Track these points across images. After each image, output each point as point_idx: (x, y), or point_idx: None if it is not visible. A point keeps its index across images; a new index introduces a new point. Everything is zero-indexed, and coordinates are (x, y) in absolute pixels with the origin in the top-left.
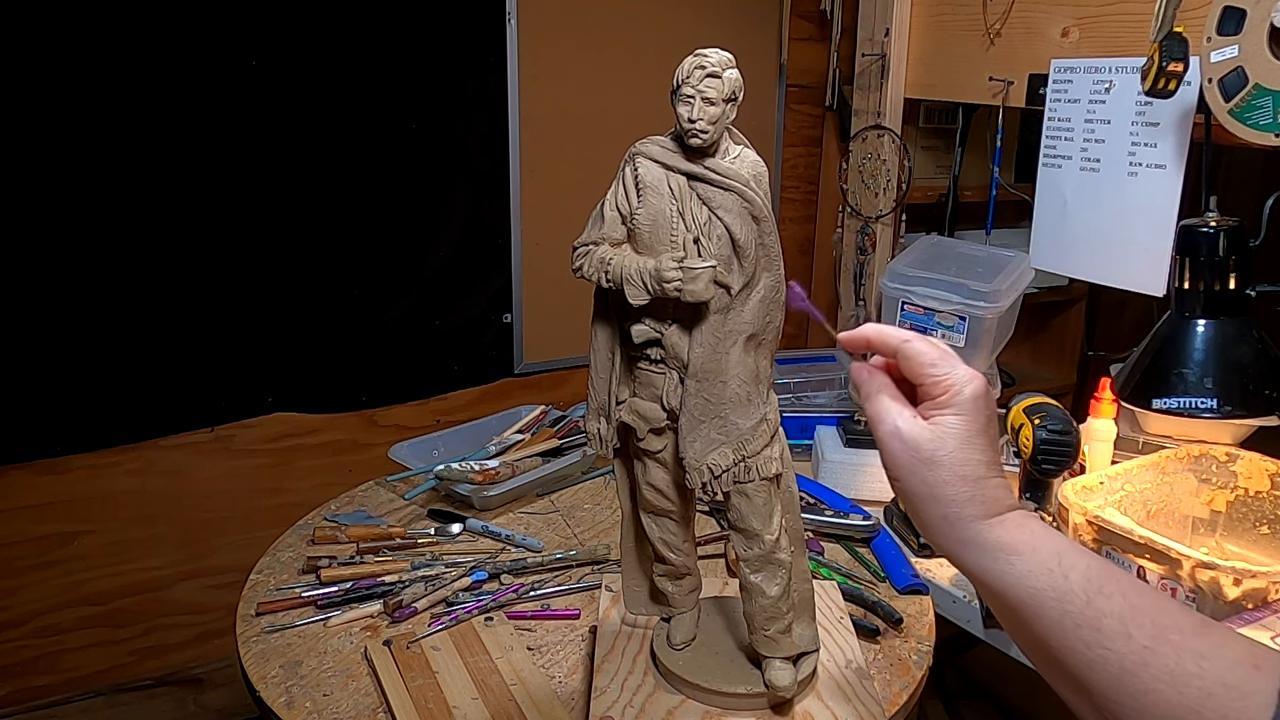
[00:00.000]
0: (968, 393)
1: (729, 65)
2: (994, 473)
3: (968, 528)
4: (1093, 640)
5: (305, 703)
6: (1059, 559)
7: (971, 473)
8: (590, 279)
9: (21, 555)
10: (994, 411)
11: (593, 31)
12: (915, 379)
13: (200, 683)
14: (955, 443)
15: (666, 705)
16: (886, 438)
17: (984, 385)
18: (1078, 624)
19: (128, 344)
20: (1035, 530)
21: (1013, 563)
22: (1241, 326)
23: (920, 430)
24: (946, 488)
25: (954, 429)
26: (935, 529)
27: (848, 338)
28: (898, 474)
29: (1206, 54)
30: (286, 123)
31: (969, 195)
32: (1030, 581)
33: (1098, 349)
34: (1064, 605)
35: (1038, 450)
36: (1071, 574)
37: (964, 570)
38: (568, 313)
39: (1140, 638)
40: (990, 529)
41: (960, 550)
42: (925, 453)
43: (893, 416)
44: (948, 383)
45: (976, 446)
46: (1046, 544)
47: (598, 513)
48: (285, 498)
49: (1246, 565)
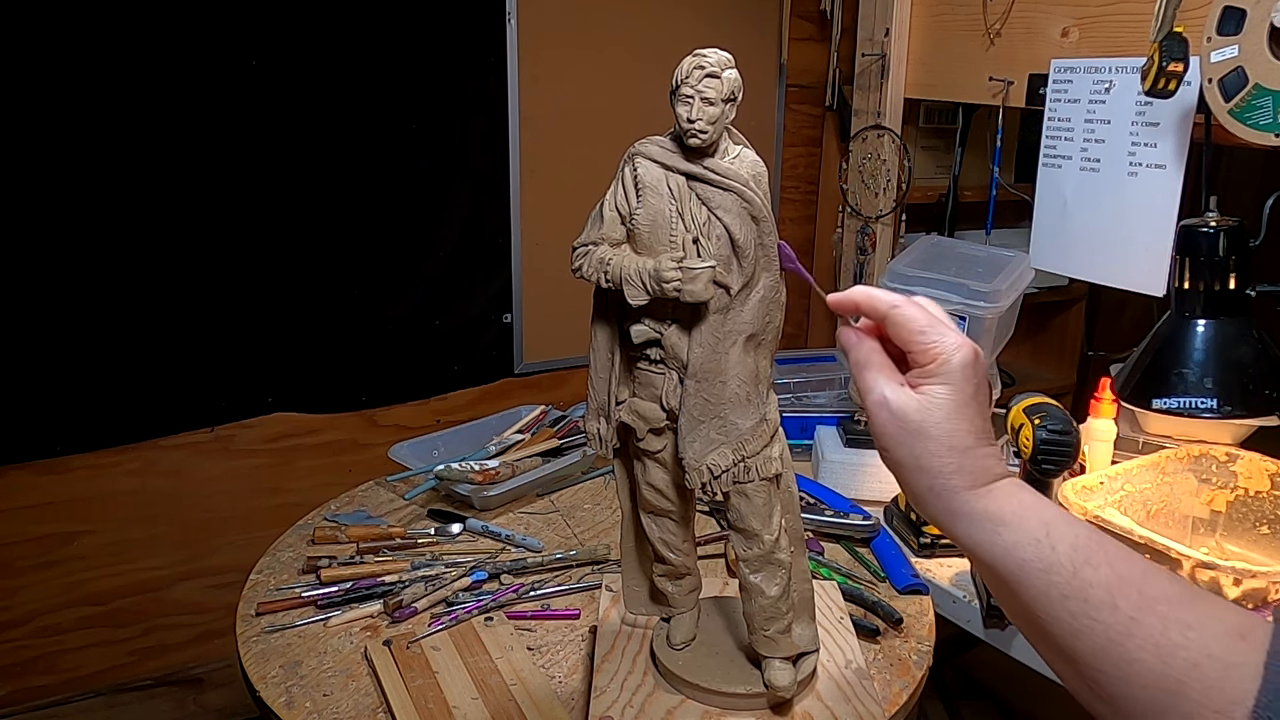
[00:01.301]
0: (955, 361)
1: (728, 65)
2: (982, 442)
3: (955, 498)
4: (1079, 610)
5: (305, 703)
6: (1047, 529)
7: (959, 443)
8: (589, 279)
9: (21, 555)
10: (984, 379)
11: (593, 31)
12: (904, 345)
13: (200, 683)
14: (943, 414)
15: (666, 705)
16: (874, 407)
17: (973, 352)
18: (1064, 594)
19: (128, 344)
20: (1024, 500)
21: (1000, 533)
22: (1241, 326)
23: (908, 400)
24: (934, 459)
25: (941, 399)
26: (923, 500)
27: (837, 300)
28: (885, 444)
29: (1206, 54)
30: (287, 123)
31: (969, 195)
32: (1017, 552)
33: (1098, 349)
34: (1050, 576)
35: (1038, 450)
36: (1059, 544)
37: (954, 540)
38: (568, 313)
39: (1126, 608)
40: (978, 499)
41: (949, 521)
42: (912, 424)
43: (880, 386)
44: (935, 350)
45: (964, 416)
46: (1035, 514)
47: (598, 513)
48: (285, 498)
49: (1246, 565)
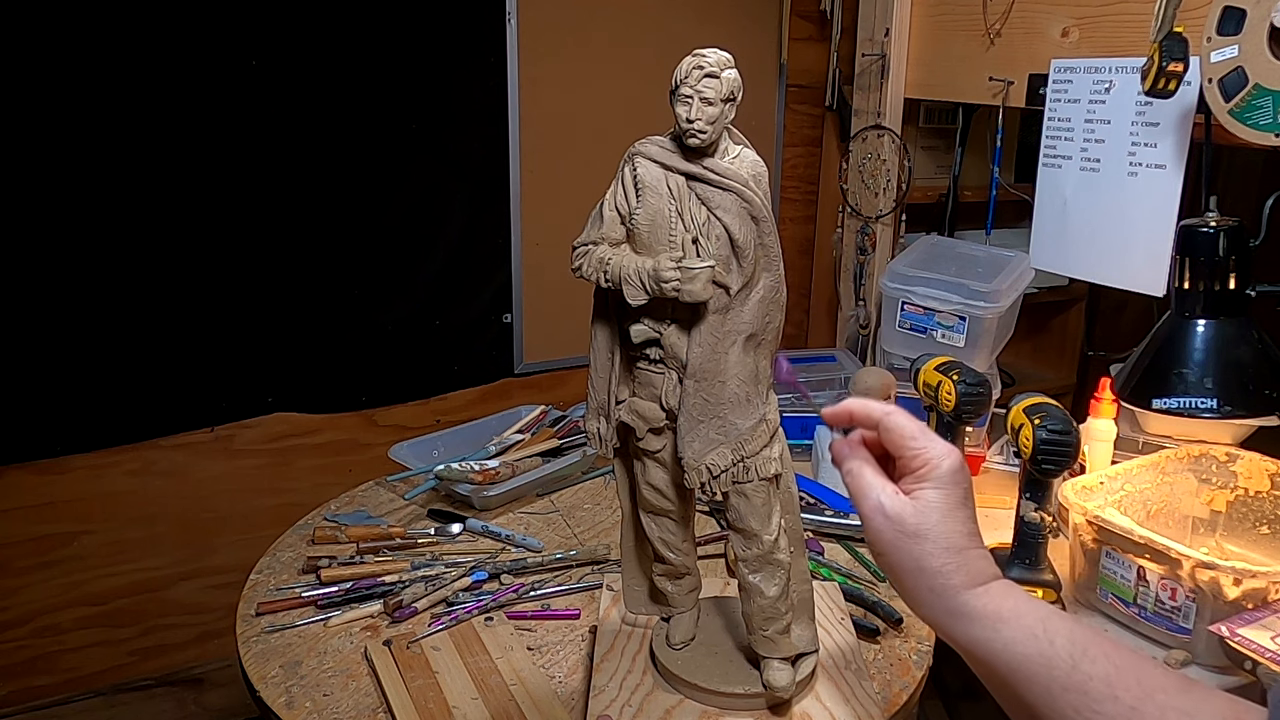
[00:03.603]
0: (945, 467)
1: (727, 65)
2: (975, 543)
3: (954, 598)
4: (1081, 704)
5: (305, 703)
6: (1043, 625)
7: (955, 544)
8: (589, 279)
9: (21, 555)
10: (970, 484)
11: (593, 32)
12: (895, 451)
13: (200, 683)
14: (938, 516)
15: (665, 704)
16: (870, 513)
17: (960, 459)
18: (1065, 688)
19: (128, 344)
20: (1018, 598)
21: (999, 630)
22: (1241, 326)
23: (903, 505)
24: (932, 559)
25: (935, 503)
26: (924, 602)
27: (831, 413)
28: (883, 549)
29: (1206, 54)
30: (287, 123)
31: (969, 195)
32: (1017, 648)
33: (1098, 349)
34: (1051, 670)
35: (1038, 450)
36: (1056, 639)
37: (954, 643)
38: (568, 313)
39: (1127, 699)
40: (976, 597)
41: (949, 622)
42: (909, 527)
43: (875, 492)
44: (926, 456)
45: (958, 519)
46: (1030, 610)
47: (598, 513)
48: (285, 498)
49: (1246, 565)
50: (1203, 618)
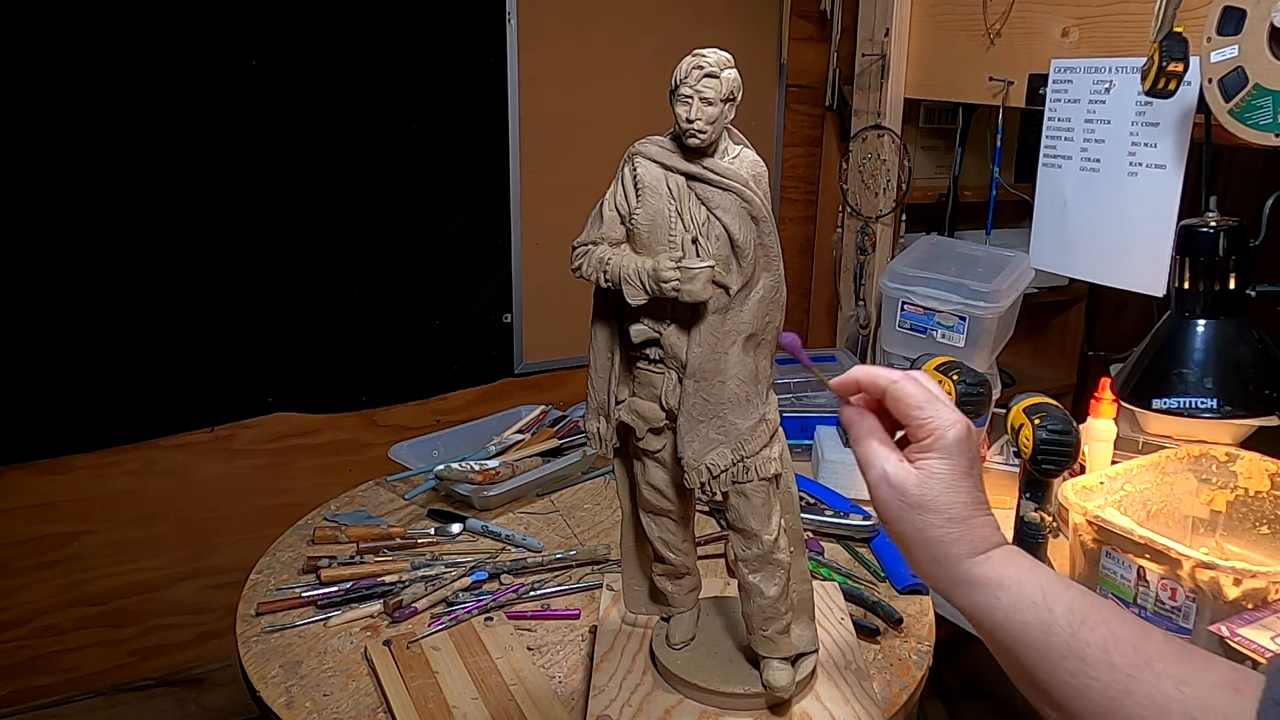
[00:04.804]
0: (951, 436)
1: (727, 65)
2: (980, 512)
3: (956, 566)
4: (1077, 670)
5: (305, 703)
6: (1043, 592)
7: (958, 514)
8: (589, 279)
9: (21, 555)
10: (977, 453)
11: (593, 32)
12: (902, 419)
13: (200, 683)
14: (941, 486)
15: (664, 704)
16: (875, 482)
17: (967, 428)
18: (1063, 654)
19: (128, 344)
20: (1020, 565)
21: (999, 597)
22: (1241, 326)
23: (907, 475)
24: (935, 530)
25: (939, 472)
26: (928, 571)
27: (839, 383)
28: (888, 518)
29: (1206, 54)
30: (286, 123)
31: (969, 195)
32: (1017, 615)
33: (1098, 349)
34: (1049, 637)
35: (1038, 450)
36: (1056, 606)
37: (958, 608)
38: (568, 313)
39: (1123, 665)
40: (978, 565)
41: (953, 590)
42: (913, 497)
43: (880, 461)
44: (932, 425)
45: (962, 489)
46: (1031, 578)
47: (598, 513)
48: (285, 498)
49: (1246, 565)
50: (1203, 618)
